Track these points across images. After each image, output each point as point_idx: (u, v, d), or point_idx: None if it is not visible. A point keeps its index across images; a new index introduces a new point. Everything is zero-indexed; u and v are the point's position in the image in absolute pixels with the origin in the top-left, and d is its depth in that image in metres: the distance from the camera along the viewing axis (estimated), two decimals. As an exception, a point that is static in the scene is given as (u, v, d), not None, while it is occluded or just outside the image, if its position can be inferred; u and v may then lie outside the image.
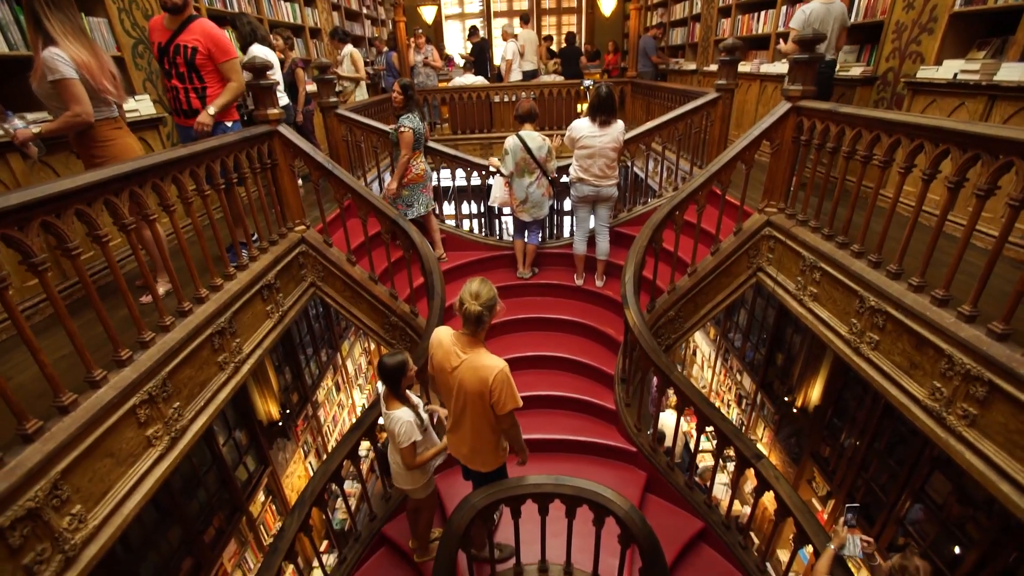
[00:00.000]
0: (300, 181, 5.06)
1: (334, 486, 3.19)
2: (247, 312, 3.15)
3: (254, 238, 3.59)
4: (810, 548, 2.70)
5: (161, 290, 3.00)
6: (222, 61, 3.24)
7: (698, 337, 7.73)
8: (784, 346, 5.30)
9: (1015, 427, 1.99)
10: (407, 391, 2.80)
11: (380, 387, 2.95)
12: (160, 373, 2.36)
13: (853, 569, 2.57)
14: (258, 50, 4.53)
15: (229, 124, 3.47)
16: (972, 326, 2.16)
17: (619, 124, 4.34)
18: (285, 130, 3.59)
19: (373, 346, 8.25)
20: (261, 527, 4.79)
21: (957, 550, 3.25)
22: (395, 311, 3.96)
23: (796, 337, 5.04)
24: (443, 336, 2.46)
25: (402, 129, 4.44)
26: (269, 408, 5.00)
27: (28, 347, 1.80)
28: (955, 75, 3.54)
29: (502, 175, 4.79)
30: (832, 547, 2.47)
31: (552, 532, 2.83)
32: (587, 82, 8.00)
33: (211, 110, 3.23)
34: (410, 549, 3.37)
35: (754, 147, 3.58)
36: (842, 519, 2.57)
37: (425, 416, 2.79)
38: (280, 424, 5.18)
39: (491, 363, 2.30)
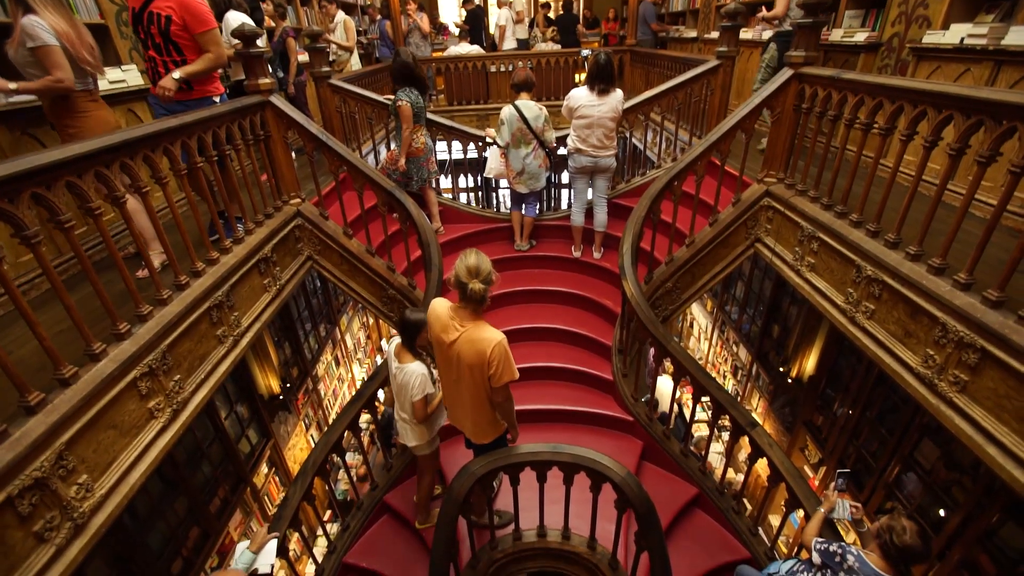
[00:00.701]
0: (294, 155, 4.99)
1: (335, 457, 3.25)
2: (244, 286, 3.15)
3: (239, 219, 3.43)
4: (801, 513, 2.78)
5: (156, 261, 2.99)
6: (199, 32, 3.02)
7: (695, 309, 7.77)
8: (780, 318, 5.34)
9: (1004, 392, 2.02)
10: (420, 350, 2.85)
11: (388, 346, 2.98)
12: (159, 346, 2.37)
13: (842, 532, 2.65)
14: (234, 17, 4.38)
15: (217, 98, 3.28)
16: (967, 294, 2.18)
17: (618, 93, 4.26)
18: (277, 100, 3.51)
19: (372, 320, 8.28)
20: (265, 498, 4.90)
21: (942, 513, 3.35)
22: (393, 284, 3.96)
23: (792, 309, 5.07)
24: (440, 309, 2.46)
25: (400, 103, 4.35)
26: (269, 382, 5.04)
27: (25, 320, 1.80)
28: (962, 39, 3.47)
29: (498, 146, 4.72)
30: (823, 510, 2.54)
31: (550, 499, 2.90)
32: (585, 51, 7.82)
33: (176, 75, 2.99)
34: (414, 503, 3.46)
35: (755, 115, 3.53)
36: (833, 484, 2.64)
37: (435, 372, 2.83)
38: (281, 398, 5.24)
39: (489, 336, 2.31)
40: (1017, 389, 1.97)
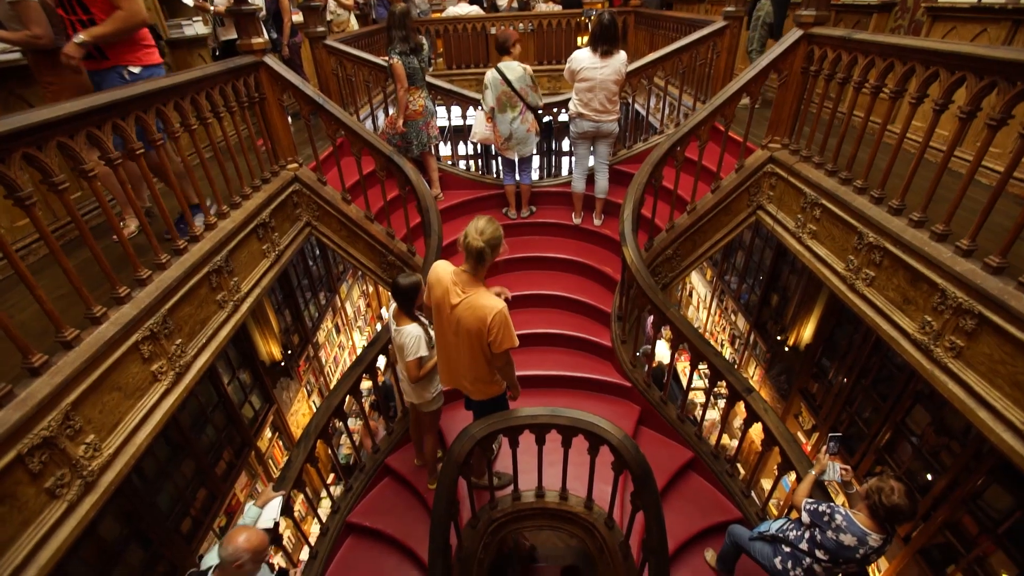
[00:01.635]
0: (290, 120, 4.88)
1: (338, 421, 3.31)
2: (243, 251, 3.13)
3: (210, 205, 3.10)
4: (792, 476, 2.85)
5: (132, 226, 2.97)
6: None
7: (694, 279, 7.77)
8: (779, 287, 5.34)
9: (999, 357, 2.04)
10: (418, 312, 2.87)
11: (389, 310, 2.99)
12: (160, 310, 2.37)
13: (832, 494, 2.72)
14: None
15: (136, 70, 2.72)
16: (968, 260, 2.17)
17: (621, 55, 4.14)
18: (272, 61, 3.42)
19: (371, 288, 8.29)
20: (270, 461, 5.01)
21: (929, 477, 3.43)
22: (392, 250, 3.94)
23: (792, 278, 5.07)
24: (442, 272, 2.46)
25: (391, 60, 4.23)
26: (271, 349, 5.08)
27: (24, 282, 1.80)
28: (978, -1, 3.36)
29: (483, 111, 4.58)
30: (814, 473, 2.61)
31: (548, 462, 2.96)
32: (589, 11, 7.56)
33: (80, 37, 2.50)
34: (414, 466, 3.55)
35: (761, 79, 3.44)
36: (824, 447, 2.70)
37: (432, 334, 2.86)
38: (283, 364, 5.29)
39: (490, 303, 2.32)
40: (1012, 355, 1.99)
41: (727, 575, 3.15)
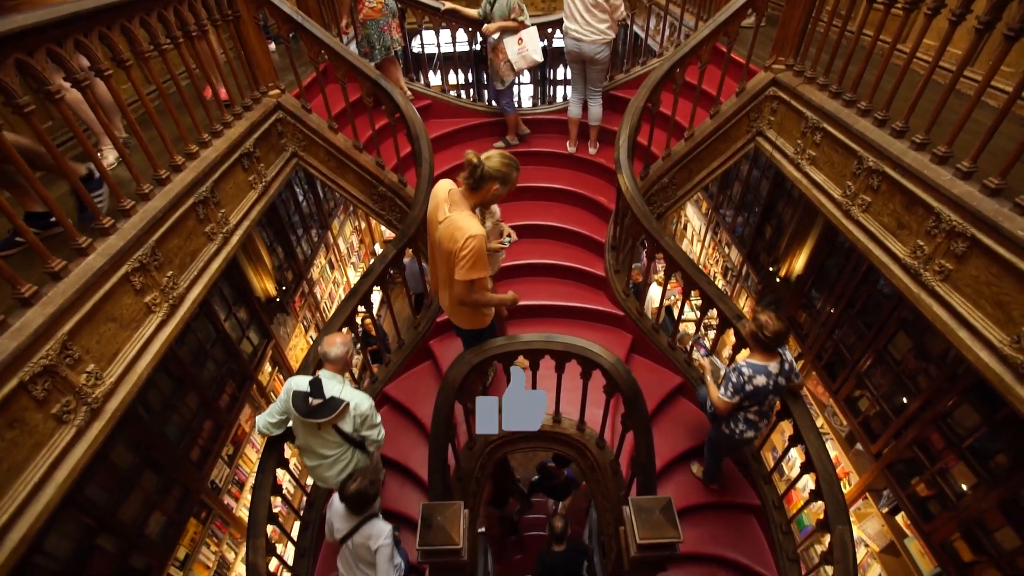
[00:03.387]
0: (272, 45, 4.58)
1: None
2: (229, 182, 3.05)
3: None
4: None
5: (111, 157, 2.86)
6: None
7: (689, 211, 7.72)
8: (774, 218, 5.32)
9: (985, 279, 2.07)
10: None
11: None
12: (147, 242, 2.34)
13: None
14: None
15: None
16: (967, 182, 2.15)
17: None
18: (243, -27, 3.15)
19: (364, 224, 8.19)
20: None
21: (905, 400, 3.59)
22: (383, 180, 3.84)
23: (787, 210, 5.04)
24: (441, 188, 2.41)
25: None
26: (265, 285, 5.08)
27: (3, 212, 1.75)
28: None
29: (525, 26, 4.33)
30: (709, 378, 2.90)
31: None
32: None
33: None
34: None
35: (768, -9, 3.23)
36: (703, 355, 2.99)
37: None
38: (278, 300, 5.31)
39: (468, 225, 2.23)
40: (999, 275, 2.02)
41: (713, 484, 3.38)
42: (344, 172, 3.90)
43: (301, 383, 2.50)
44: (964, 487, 3.09)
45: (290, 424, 2.66)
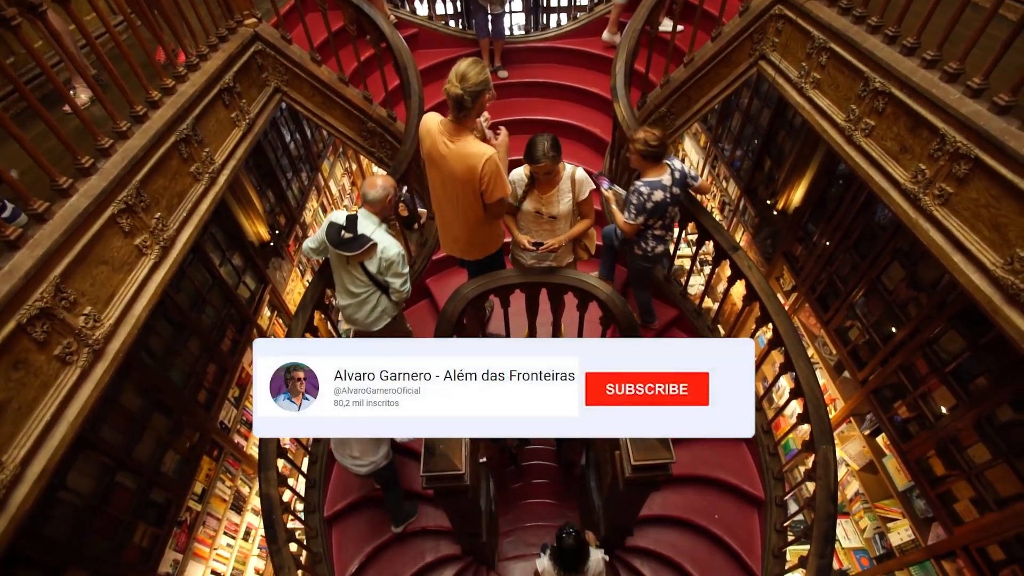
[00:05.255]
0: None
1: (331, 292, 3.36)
2: (210, 119, 2.93)
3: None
4: (769, 331, 2.99)
5: (84, 96, 2.73)
6: None
7: (688, 145, 7.53)
8: (774, 150, 5.20)
9: (985, 201, 2.06)
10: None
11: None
12: (131, 182, 2.28)
13: (616, 211, 3.00)
14: None
15: None
16: (976, 101, 2.09)
17: None
18: None
19: (355, 166, 7.99)
20: (272, 336, 5.21)
21: (894, 329, 3.66)
22: (371, 115, 3.70)
23: (787, 141, 4.91)
24: (431, 122, 2.34)
25: None
26: (258, 229, 5.01)
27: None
28: None
29: None
30: (614, 206, 2.99)
31: (539, 323, 3.09)
32: None
33: None
34: None
35: None
36: (604, 187, 3.03)
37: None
38: (272, 244, 5.26)
39: (479, 150, 2.21)
40: (999, 197, 2.00)
41: (652, 322, 3.72)
42: (330, 107, 3.74)
43: (339, 217, 2.59)
44: (943, 409, 3.22)
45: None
